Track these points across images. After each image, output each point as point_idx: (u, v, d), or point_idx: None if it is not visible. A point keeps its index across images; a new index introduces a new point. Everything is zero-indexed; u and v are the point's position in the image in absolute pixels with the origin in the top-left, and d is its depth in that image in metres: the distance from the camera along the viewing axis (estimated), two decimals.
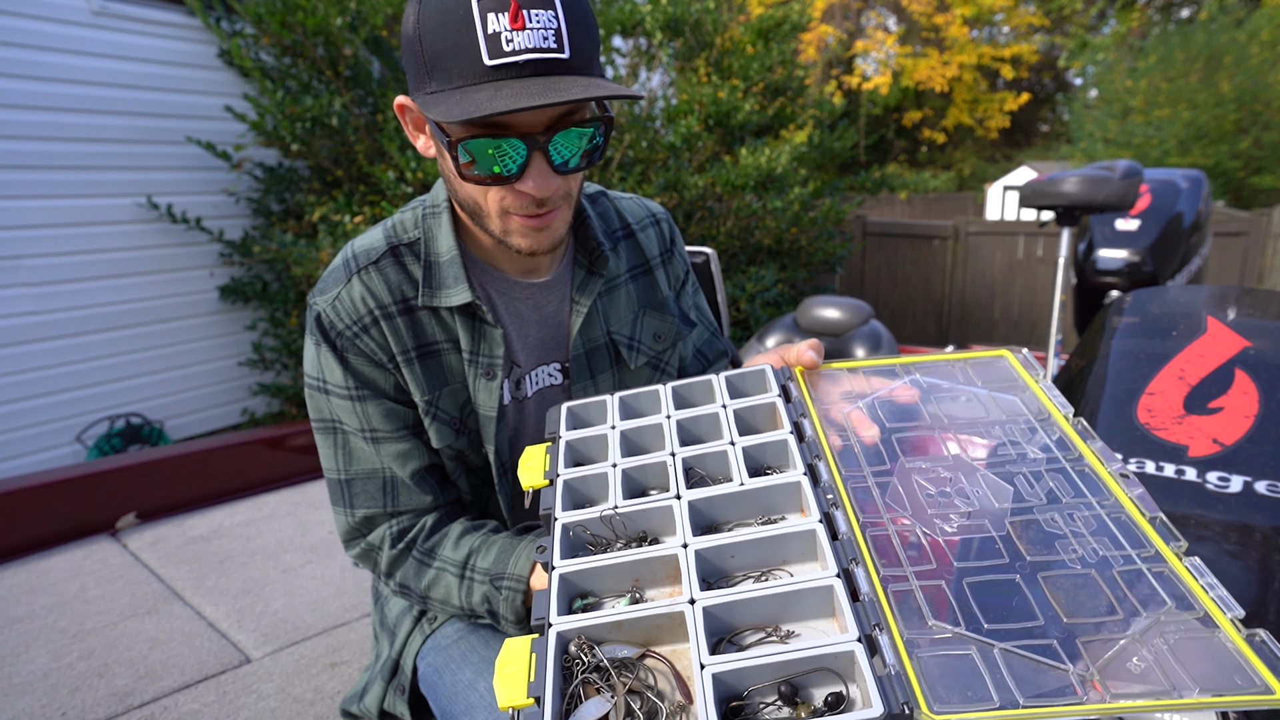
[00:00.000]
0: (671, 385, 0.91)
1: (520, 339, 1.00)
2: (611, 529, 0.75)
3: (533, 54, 0.75)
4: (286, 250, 3.89)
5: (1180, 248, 3.04)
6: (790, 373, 0.87)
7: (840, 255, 5.87)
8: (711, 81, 4.70)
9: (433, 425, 0.95)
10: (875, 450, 0.76)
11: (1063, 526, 0.65)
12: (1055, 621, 0.57)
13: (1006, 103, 18.30)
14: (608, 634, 0.65)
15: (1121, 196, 2.42)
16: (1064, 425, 0.76)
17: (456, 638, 1.02)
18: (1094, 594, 0.59)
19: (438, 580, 0.93)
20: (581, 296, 1.02)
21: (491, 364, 0.96)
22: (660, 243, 1.14)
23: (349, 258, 0.95)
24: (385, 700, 1.06)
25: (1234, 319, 1.31)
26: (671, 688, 0.62)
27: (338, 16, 3.86)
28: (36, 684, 1.70)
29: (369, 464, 0.94)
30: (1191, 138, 11.64)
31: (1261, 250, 6.17)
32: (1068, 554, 0.63)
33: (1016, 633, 0.57)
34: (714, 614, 0.64)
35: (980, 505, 0.69)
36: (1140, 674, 0.53)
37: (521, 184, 0.82)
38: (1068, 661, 0.54)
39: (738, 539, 0.69)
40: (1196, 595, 0.57)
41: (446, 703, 0.96)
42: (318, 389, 0.94)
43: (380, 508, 0.95)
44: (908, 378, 0.86)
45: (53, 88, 3.71)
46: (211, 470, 2.70)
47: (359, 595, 2.10)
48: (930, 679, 0.54)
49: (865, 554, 0.64)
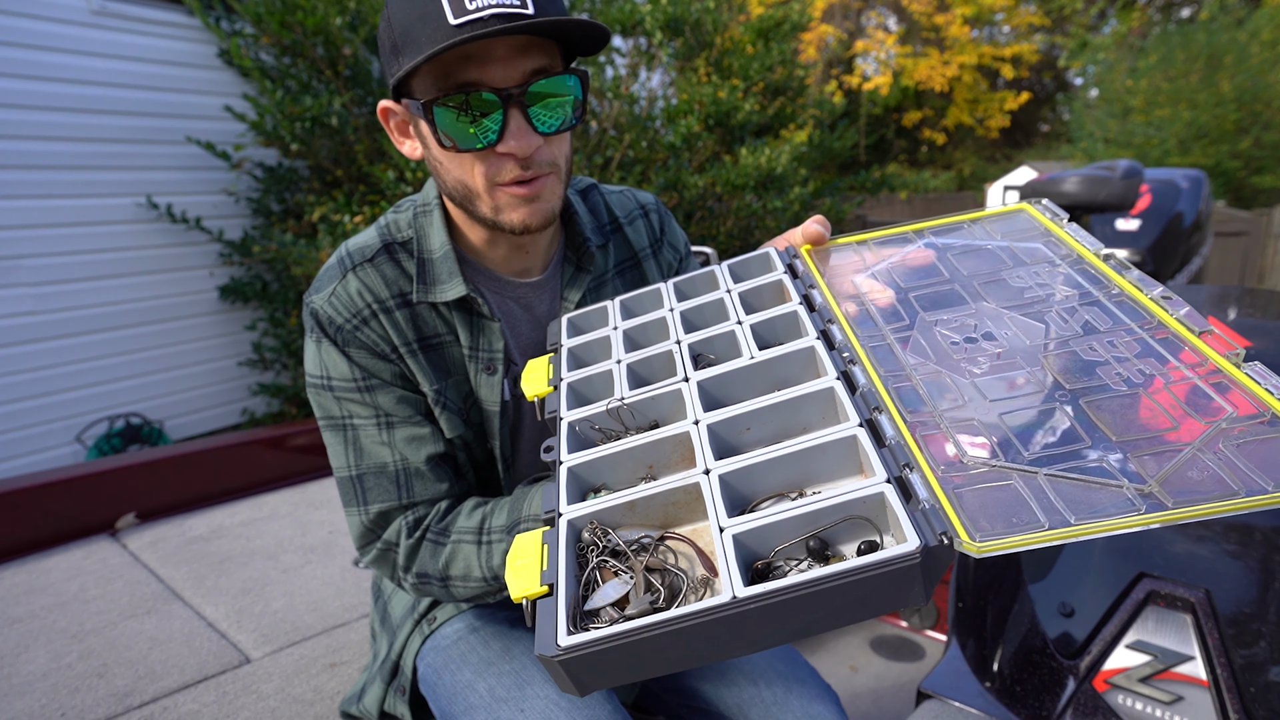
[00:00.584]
0: (673, 281, 0.88)
1: (513, 337, 1.00)
2: (620, 420, 0.70)
3: (497, 8, 0.76)
4: (286, 250, 3.89)
5: (1181, 247, 3.04)
6: (796, 251, 0.84)
7: None
8: (711, 81, 4.70)
9: (443, 415, 0.95)
10: (893, 310, 0.72)
11: (1103, 354, 0.61)
12: (1103, 441, 0.54)
13: (1007, 102, 18.30)
14: (622, 518, 0.62)
15: (1122, 196, 2.42)
16: (1096, 262, 0.71)
17: (456, 638, 1.01)
18: (1144, 413, 0.55)
19: (455, 554, 0.89)
20: (570, 293, 1.01)
21: (492, 358, 0.96)
22: (649, 234, 1.13)
23: (343, 256, 0.95)
24: (385, 701, 1.06)
25: (1234, 319, 1.31)
26: (693, 564, 0.58)
27: (337, 16, 3.86)
28: (36, 684, 1.70)
29: (380, 457, 0.93)
30: (1192, 138, 11.63)
31: (1262, 250, 6.17)
32: (1111, 378, 0.59)
33: (1062, 456, 0.53)
34: (731, 483, 0.60)
35: (1010, 345, 0.64)
36: (1202, 481, 0.49)
37: (503, 145, 0.82)
38: (1121, 478, 0.51)
39: (750, 408, 0.65)
40: (1262, 398, 0.54)
41: (446, 703, 0.95)
42: (322, 386, 0.93)
43: (395, 500, 0.93)
44: (921, 241, 0.81)
45: (52, 87, 3.71)
46: (211, 470, 2.69)
47: (359, 595, 2.10)
48: (971, 511, 0.51)
49: (888, 402, 0.60)
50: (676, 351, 0.75)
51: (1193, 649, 0.94)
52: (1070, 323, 0.65)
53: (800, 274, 0.81)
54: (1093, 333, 0.63)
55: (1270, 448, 0.50)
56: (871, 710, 1.84)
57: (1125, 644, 1.00)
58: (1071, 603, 1.08)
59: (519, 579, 0.57)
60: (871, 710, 1.84)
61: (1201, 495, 0.48)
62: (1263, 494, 0.47)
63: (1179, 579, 0.99)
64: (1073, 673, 1.01)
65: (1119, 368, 0.60)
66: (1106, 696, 0.98)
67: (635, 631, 0.51)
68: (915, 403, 0.60)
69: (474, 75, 0.79)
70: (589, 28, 0.80)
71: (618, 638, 0.51)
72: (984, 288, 0.72)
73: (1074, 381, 0.59)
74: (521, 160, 0.83)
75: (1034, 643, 1.08)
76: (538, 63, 0.81)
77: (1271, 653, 0.89)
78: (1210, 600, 0.95)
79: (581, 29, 0.80)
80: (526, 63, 0.80)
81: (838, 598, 0.50)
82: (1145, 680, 0.96)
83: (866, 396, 0.62)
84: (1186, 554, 1.02)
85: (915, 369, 0.64)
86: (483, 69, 0.79)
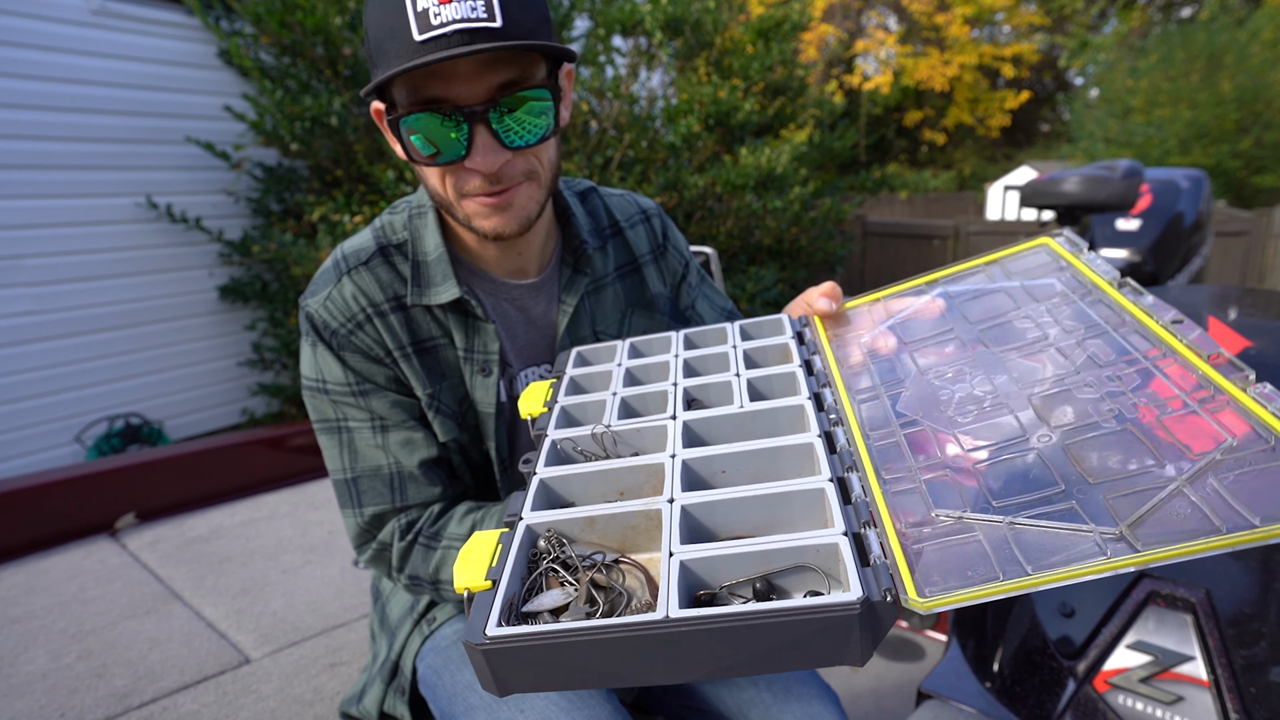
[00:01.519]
0: (684, 331, 0.89)
1: (509, 340, 1.00)
2: (602, 446, 0.71)
3: (460, 24, 0.75)
4: (286, 250, 3.89)
5: (1181, 247, 3.04)
6: (808, 320, 0.85)
7: (840, 255, 5.87)
8: (711, 81, 4.70)
9: (436, 419, 0.95)
10: (889, 365, 0.72)
11: (1096, 391, 0.60)
12: (1079, 484, 0.53)
13: (1007, 101, 18.30)
14: (581, 533, 0.62)
15: (1122, 196, 2.41)
16: (1110, 291, 0.70)
17: (456, 639, 1.01)
18: (1131, 449, 0.54)
19: (445, 560, 0.90)
20: (568, 296, 1.01)
21: (487, 360, 0.96)
22: (650, 239, 1.12)
23: (339, 259, 0.95)
24: (385, 702, 1.06)
25: (1235, 319, 1.31)
26: (642, 586, 0.59)
27: (337, 16, 3.86)
28: (36, 684, 1.70)
29: (374, 460, 0.93)
30: (1192, 137, 11.63)
31: (1262, 250, 6.17)
32: (1101, 414, 0.58)
33: (1033, 503, 0.52)
34: (693, 516, 0.60)
35: (1001, 391, 0.64)
36: (1184, 518, 0.48)
37: (470, 161, 0.81)
38: (1089, 522, 0.50)
39: (727, 450, 0.65)
40: (1268, 424, 0.51)
41: (446, 704, 0.95)
42: (318, 389, 0.94)
43: (389, 503, 0.93)
44: (934, 292, 0.81)
45: (52, 87, 3.71)
46: (211, 470, 2.69)
47: (359, 595, 2.10)
48: (926, 567, 0.50)
49: (866, 461, 0.61)
50: (671, 393, 0.76)
51: (1193, 649, 0.94)
52: (1069, 359, 0.65)
53: (807, 341, 0.82)
54: (1092, 368, 0.63)
55: (1268, 477, 0.48)
56: (871, 710, 1.84)
57: (1126, 644, 0.99)
58: (1072, 603, 1.08)
59: (465, 571, 0.57)
60: (871, 710, 1.84)
61: (1177, 535, 0.46)
62: (1247, 530, 0.45)
63: (1179, 579, 0.99)
64: (1073, 673, 1.01)
65: (1112, 403, 0.59)
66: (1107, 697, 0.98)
67: (560, 634, 0.51)
68: (896, 459, 0.61)
69: (438, 91, 0.79)
70: (548, 49, 0.79)
71: (542, 637, 0.51)
72: (987, 333, 0.72)
73: (1061, 422, 0.59)
74: (488, 176, 0.83)
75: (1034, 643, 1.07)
76: (505, 76, 0.80)
77: (1272, 653, 0.89)
78: (1211, 600, 0.95)
79: (541, 50, 0.79)
80: (493, 77, 0.79)
81: (770, 638, 0.49)
82: (1145, 681, 0.96)
83: (843, 455, 0.63)
84: None
85: (903, 425, 0.64)
86: (447, 85, 0.78)
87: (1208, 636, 0.93)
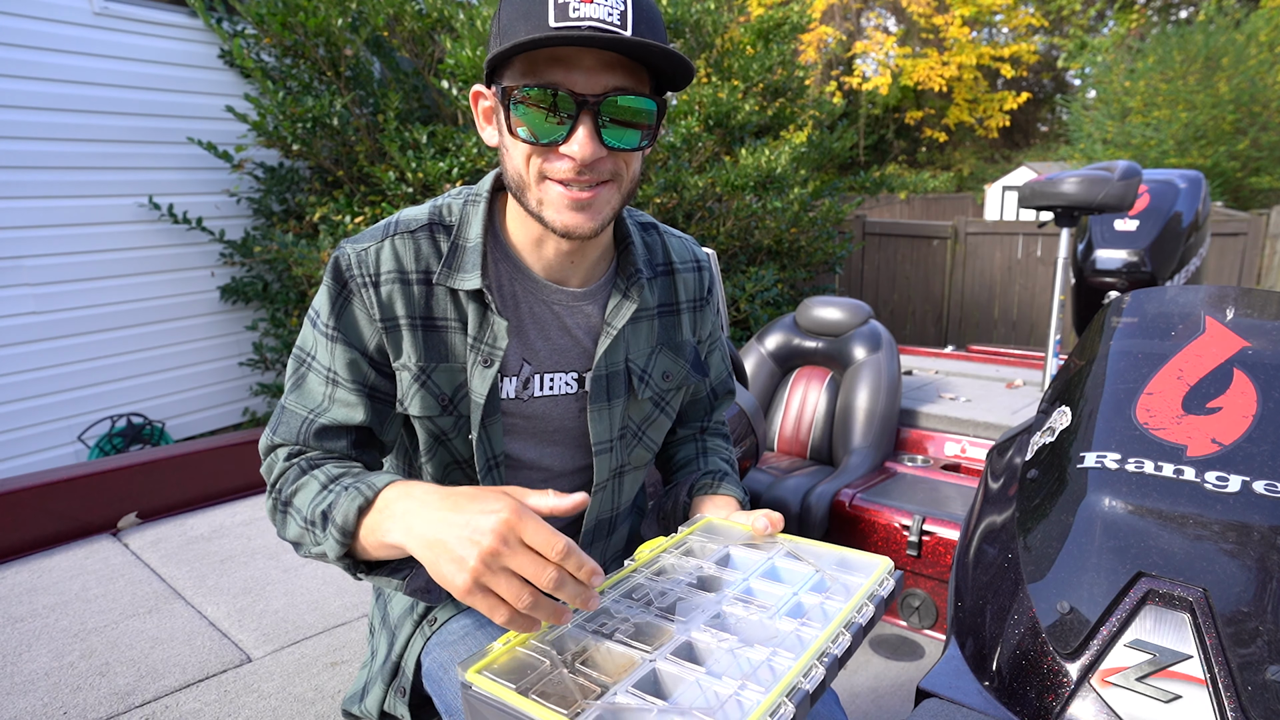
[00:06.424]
0: (787, 547, 0.96)
1: (539, 339, 1.01)
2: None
3: (596, 23, 0.80)
4: (287, 251, 3.90)
5: (1179, 248, 3.05)
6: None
7: (840, 255, 5.88)
8: (711, 82, 4.71)
9: (420, 392, 0.96)
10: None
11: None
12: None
13: (1006, 102, 18.31)
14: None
15: (1120, 197, 2.42)
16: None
17: (463, 634, 1.02)
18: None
19: (304, 486, 0.89)
20: (614, 319, 1.03)
21: (492, 353, 0.96)
22: (698, 288, 1.15)
23: (391, 221, 0.98)
24: (386, 702, 1.07)
25: (1232, 319, 1.32)
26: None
27: (339, 17, 3.87)
28: (38, 683, 1.70)
29: (309, 404, 0.95)
30: (1190, 138, 11.64)
31: (1260, 250, 6.18)
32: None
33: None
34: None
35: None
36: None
37: (566, 146, 0.85)
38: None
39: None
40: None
41: (452, 698, 0.96)
42: (312, 319, 0.97)
43: (295, 442, 0.95)
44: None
45: (54, 88, 3.71)
46: (212, 470, 2.70)
47: (359, 594, 2.10)
48: None
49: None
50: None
51: (1191, 648, 0.95)
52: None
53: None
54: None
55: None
56: (871, 709, 1.85)
57: (1123, 643, 1.00)
58: (1070, 602, 1.09)
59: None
60: (871, 709, 1.85)
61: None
62: None
63: (1177, 578, 1.00)
64: (1071, 671, 1.02)
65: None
66: (1105, 695, 0.99)
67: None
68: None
69: (558, 77, 0.83)
70: (674, 59, 0.84)
71: (498, 706, 0.60)
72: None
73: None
74: (579, 164, 0.86)
75: (1033, 641, 1.08)
76: (620, 81, 0.84)
77: (1269, 652, 0.90)
78: (1208, 599, 0.95)
79: (667, 59, 0.83)
80: (610, 79, 0.84)
81: None
82: (1143, 679, 0.97)
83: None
84: (1185, 553, 1.03)
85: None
86: (567, 73, 0.83)
87: (1205, 635, 0.94)
